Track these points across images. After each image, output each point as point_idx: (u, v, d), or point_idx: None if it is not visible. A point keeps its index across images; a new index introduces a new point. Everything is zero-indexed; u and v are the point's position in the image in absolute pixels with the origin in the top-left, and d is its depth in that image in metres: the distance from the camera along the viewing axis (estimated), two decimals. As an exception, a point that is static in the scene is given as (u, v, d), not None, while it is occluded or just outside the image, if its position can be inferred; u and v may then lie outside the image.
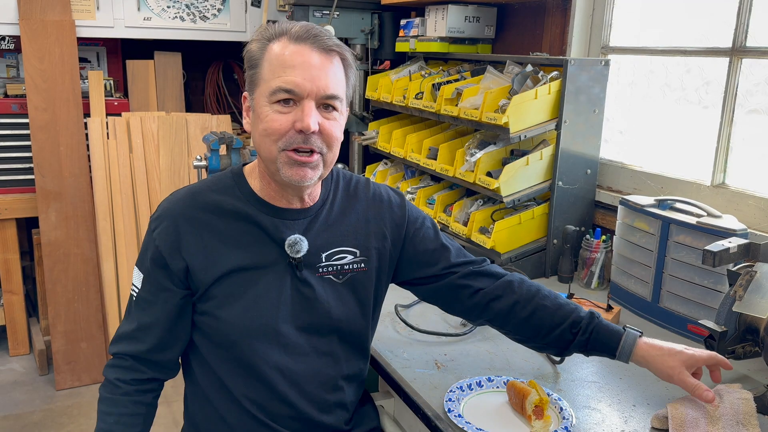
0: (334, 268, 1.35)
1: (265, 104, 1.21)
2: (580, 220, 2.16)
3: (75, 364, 3.20)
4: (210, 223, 1.29)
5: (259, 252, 1.30)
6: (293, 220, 1.31)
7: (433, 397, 1.39)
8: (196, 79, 3.96)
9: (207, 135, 2.43)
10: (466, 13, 2.62)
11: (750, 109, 1.87)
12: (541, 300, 1.38)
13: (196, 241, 1.27)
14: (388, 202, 1.43)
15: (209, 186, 1.33)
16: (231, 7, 3.52)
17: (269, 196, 1.31)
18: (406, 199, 1.47)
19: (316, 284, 1.33)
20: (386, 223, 1.41)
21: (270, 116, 1.20)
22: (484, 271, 1.44)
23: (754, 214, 1.80)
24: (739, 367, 1.54)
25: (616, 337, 1.33)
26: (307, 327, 1.33)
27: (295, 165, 1.21)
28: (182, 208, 1.30)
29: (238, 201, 1.31)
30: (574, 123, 2.06)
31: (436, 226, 1.49)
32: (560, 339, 1.36)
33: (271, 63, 1.20)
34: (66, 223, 3.14)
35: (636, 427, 1.30)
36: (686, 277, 1.70)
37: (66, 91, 3.11)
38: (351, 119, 3.11)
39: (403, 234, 1.42)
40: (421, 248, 1.43)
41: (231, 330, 1.29)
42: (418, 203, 2.52)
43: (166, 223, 1.28)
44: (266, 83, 1.20)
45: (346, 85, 1.28)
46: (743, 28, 1.85)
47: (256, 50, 1.23)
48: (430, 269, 1.43)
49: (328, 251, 1.34)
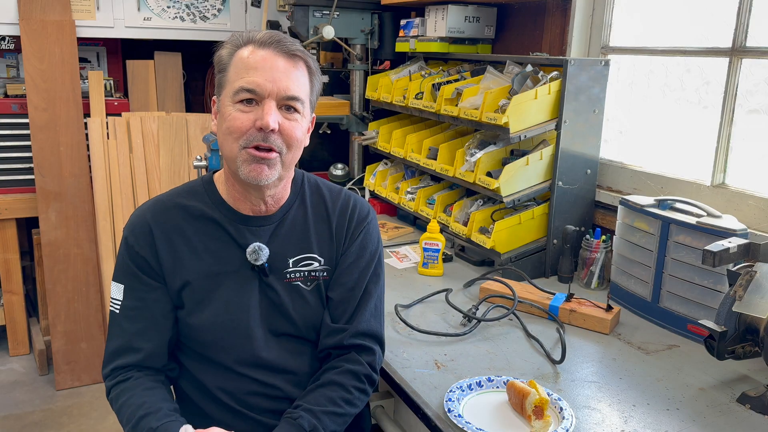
0: (301, 274, 1.36)
1: (228, 104, 1.26)
2: (580, 220, 2.17)
3: (75, 364, 3.20)
4: (179, 227, 1.33)
5: (225, 257, 1.33)
6: (259, 226, 1.35)
7: (433, 397, 1.39)
8: (196, 79, 3.95)
9: (207, 135, 2.43)
10: (466, 13, 2.62)
11: (750, 109, 1.87)
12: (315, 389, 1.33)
13: (166, 246, 1.31)
14: (353, 212, 1.42)
15: (179, 193, 1.38)
16: (231, 7, 3.52)
17: (235, 201, 1.35)
18: (371, 220, 1.44)
19: (282, 291, 1.35)
20: (345, 230, 1.40)
21: (232, 115, 1.24)
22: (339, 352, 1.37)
23: (754, 214, 1.80)
24: (739, 367, 1.54)
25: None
26: (277, 331, 1.36)
27: (254, 162, 1.25)
28: (152, 214, 1.34)
29: (206, 207, 1.35)
30: (574, 123, 2.06)
31: (374, 266, 1.42)
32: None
33: (236, 66, 1.26)
34: (66, 223, 3.14)
35: (636, 427, 1.30)
36: (686, 277, 1.70)
37: (66, 91, 3.11)
38: (351, 119, 3.11)
39: (344, 248, 1.40)
40: (342, 268, 1.39)
41: (202, 334, 1.32)
42: (418, 203, 2.52)
43: (139, 228, 1.32)
44: (230, 84, 1.26)
45: (310, 91, 1.32)
46: (743, 28, 1.85)
47: (225, 55, 1.28)
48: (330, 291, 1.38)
49: (295, 257, 1.36)
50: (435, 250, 2.12)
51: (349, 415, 1.32)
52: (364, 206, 1.45)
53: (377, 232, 1.46)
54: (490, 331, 1.73)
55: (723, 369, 1.54)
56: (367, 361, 1.36)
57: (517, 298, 1.82)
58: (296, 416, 1.25)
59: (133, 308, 1.31)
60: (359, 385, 1.34)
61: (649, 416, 1.34)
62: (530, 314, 1.83)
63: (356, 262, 1.39)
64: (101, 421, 2.93)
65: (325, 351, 1.38)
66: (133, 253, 1.31)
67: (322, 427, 1.25)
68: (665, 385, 1.47)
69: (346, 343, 1.35)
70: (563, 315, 1.79)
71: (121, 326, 1.32)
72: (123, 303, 1.32)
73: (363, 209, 1.44)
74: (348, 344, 1.35)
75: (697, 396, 1.43)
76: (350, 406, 1.31)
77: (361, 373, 1.34)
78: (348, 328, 1.36)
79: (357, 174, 3.20)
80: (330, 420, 1.27)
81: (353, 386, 1.32)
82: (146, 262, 1.31)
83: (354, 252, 1.40)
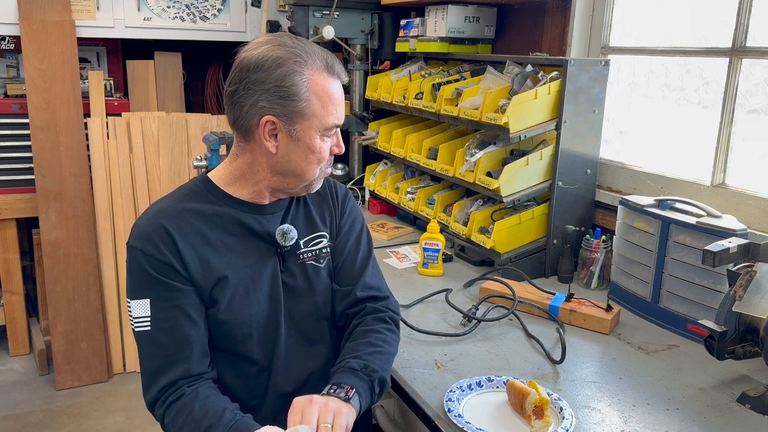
0: (313, 253, 1.42)
1: (316, 137, 1.29)
2: (580, 220, 2.17)
3: (75, 364, 3.20)
4: (194, 228, 1.30)
5: (247, 250, 1.34)
6: (271, 213, 1.38)
7: (433, 397, 1.39)
8: (196, 79, 3.95)
9: (207, 135, 2.43)
10: (466, 14, 2.62)
11: (750, 109, 1.87)
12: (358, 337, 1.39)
13: (189, 248, 1.28)
14: (337, 189, 1.51)
15: (179, 198, 1.33)
16: (231, 7, 3.52)
17: (245, 196, 1.35)
18: (350, 193, 1.55)
19: (299, 272, 1.39)
20: (336, 207, 1.49)
21: (322, 147, 1.31)
22: (367, 310, 1.44)
23: (754, 214, 1.80)
24: (739, 367, 1.54)
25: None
26: (297, 315, 1.39)
27: (323, 179, 1.39)
28: (165, 219, 1.28)
29: (215, 204, 1.33)
30: (574, 123, 2.06)
31: (365, 232, 1.53)
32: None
33: (320, 98, 1.27)
34: (66, 223, 3.14)
35: (636, 427, 1.30)
36: (686, 277, 1.70)
37: (66, 91, 3.11)
38: (351, 119, 3.11)
39: (338, 221, 1.49)
40: (340, 238, 1.48)
41: (234, 330, 1.31)
42: (418, 203, 2.52)
43: (156, 235, 1.26)
44: (319, 119, 1.28)
45: None
46: (743, 29, 1.85)
47: (300, 83, 1.25)
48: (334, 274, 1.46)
49: (306, 237, 1.41)
50: (435, 250, 2.12)
51: (390, 354, 1.38)
52: (341, 185, 1.55)
53: (357, 205, 1.57)
54: (490, 331, 1.73)
55: (723, 369, 1.54)
56: (383, 305, 1.45)
57: (517, 298, 1.82)
58: (344, 363, 1.31)
59: (167, 319, 1.25)
60: (387, 326, 1.42)
61: (649, 416, 1.34)
62: (530, 314, 1.84)
63: (351, 230, 1.49)
64: (101, 421, 2.94)
65: (342, 315, 1.45)
66: (154, 261, 1.25)
67: (371, 363, 1.30)
68: (665, 385, 1.47)
69: (359, 295, 1.43)
70: (563, 315, 1.79)
71: (157, 342, 1.25)
72: (153, 317, 1.25)
73: (342, 187, 1.54)
74: (361, 297, 1.43)
75: (697, 396, 1.43)
76: (388, 345, 1.38)
77: (384, 316, 1.43)
78: (356, 285, 1.45)
79: (357, 174, 3.20)
80: (375, 358, 1.32)
81: (382, 327, 1.40)
82: (171, 267, 1.25)
83: (348, 222, 1.50)
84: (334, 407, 1.15)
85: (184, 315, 1.26)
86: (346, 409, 1.17)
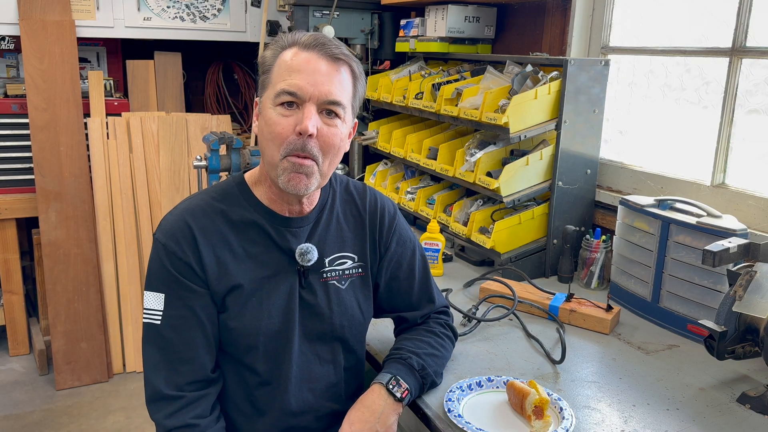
0: (337, 273, 1.38)
1: (270, 106, 1.24)
2: (580, 220, 2.16)
3: (75, 364, 3.20)
4: (219, 232, 1.29)
5: (266, 261, 1.31)
6: (298, 228, 1.34)
7: (433, 397, 1.39)
8: (196, 79, 3.96)
9: (207, 135, 2.43)
10: (466, 13, 2.62)
11: (750, 109, 1.87)
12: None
13: (210, 251, 1.27)
14: (383, 211, 1.46)
15: (213, 197, 1.33)
16: (231, 7, 3.52)
17: (271, 202, 1.33)
18: (399, 215, 1.50)
19: (320, 291, 1.35)
20: (380, 231, 1.44)
21: (273, 119, 1.23)
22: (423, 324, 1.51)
23: (754, 214, 1.80)
24: (739, 367, 1.54)
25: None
26: (311, 334, 1.36)
27: (293, 171, 1.23)
28: (192, 218, 1.28)
29: (245, 210, 1.32)
30: (574, 123, 2.06)
31: (420, 259, 1.51)
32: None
33: (279, 68, 1.25)
34: (66, 223, 3.14)
35: (636, 427, 1.30)
36: (686, 277, 1.70)
37: (66, 91, 3.11)
38: (351, 119, 3.11)
39: (384, 246, 1.45)
40: (392, 272, 1.47)
41: (242, 338, 1.30)
42: (418, 203, 2.52)
43: (180, 234, 1.26)
44: (273, 86, 1.24)
45: (353, 96, 1.30)
46: (743, 29, 1.85)
47: (269, 56, 1.28)
48: (390, 299, 1.49)
49: (331, 256, 1.37)
50: (435, 250, 2.12)
51: (445, 358, 1.46)
52: (389, 203, 1.50)
53: (406, 223, 1.53)
54: (490, 331, 1.73)
55: (723, 369, 1.54)
56: (446, 321, 1.52)
57: (517, 298, 1.82)
58: (405, 357, 1.36)
59: (179, 317, 1.25)
60: (446, 332, 1.49)
61: (649, 416, 1.34)
62: (530, 314, 1.84)
63: (403, 255, 1.48)
64: (101, 421, 2.94)
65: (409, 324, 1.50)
66: (175, 260, 1.25)
67: (428, 366, 1.37)
68: (665, 385, 1.47)
69: (424, 313, 1.50)
70: (563, 315, 1.79)
71: (164, 337, 1.26)
72: (166, 313, 1.25)
73: (390, 206, 1.49)
74: (425, 313, 1.50)
75: (697, 396, 1.43)
76: (444, 350, 1.46)
77: (444, 323, 1.51)
78: (431, 306, 1.51)
79: (357, 174, 3.20)
80: (432, 360, 1.40)
81: (441, 332, 1.47)
82: (190, 268, 1.25)
83: (398, 247, 1.47)
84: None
85: (194, 317, 1.26)
86: (394, 416, 1.30)
